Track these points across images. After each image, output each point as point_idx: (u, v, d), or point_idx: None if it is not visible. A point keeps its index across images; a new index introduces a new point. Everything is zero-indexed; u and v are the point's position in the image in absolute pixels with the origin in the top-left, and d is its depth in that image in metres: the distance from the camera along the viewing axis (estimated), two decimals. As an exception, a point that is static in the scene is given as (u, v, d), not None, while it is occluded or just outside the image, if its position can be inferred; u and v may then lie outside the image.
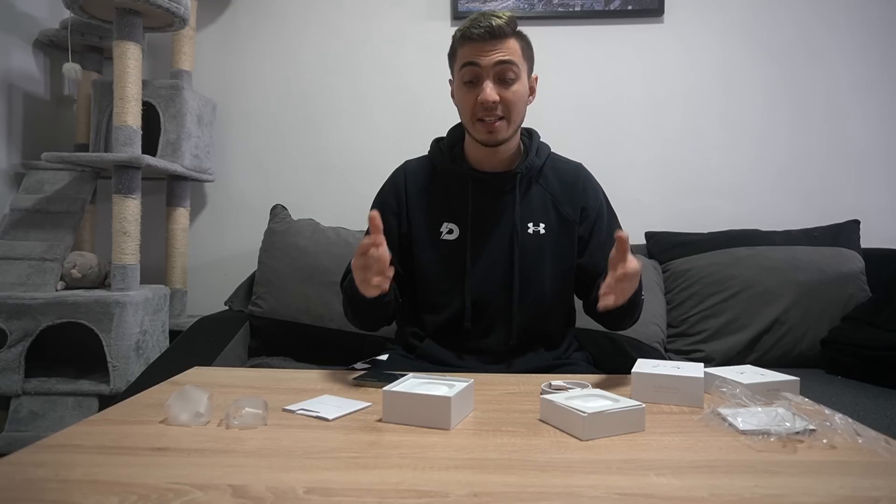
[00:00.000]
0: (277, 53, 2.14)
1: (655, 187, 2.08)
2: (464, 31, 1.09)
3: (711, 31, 2.07)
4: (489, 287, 1.16)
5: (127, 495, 0.52)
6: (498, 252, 1.16)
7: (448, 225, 1.18)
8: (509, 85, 1.09)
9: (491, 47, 1.07)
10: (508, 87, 1.09)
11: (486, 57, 1.07)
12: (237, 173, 2.16)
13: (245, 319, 1.74)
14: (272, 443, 0.66)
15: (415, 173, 1.24)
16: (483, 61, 1.07)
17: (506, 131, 1.11)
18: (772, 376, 0.86)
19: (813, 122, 2.05)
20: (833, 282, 1.72)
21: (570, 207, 1.20)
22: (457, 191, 1.19)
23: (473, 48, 1.08)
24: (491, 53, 1.07)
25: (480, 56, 1.07)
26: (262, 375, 1.00)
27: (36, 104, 2.06)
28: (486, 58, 1.07)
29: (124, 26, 1.66)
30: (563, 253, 1.19)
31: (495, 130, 1.10)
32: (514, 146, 1.18)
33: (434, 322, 1.19)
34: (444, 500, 0.52)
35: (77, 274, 1.71)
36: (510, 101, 1.09)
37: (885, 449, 0.64)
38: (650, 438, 0.69)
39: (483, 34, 1.06)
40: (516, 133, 1.16)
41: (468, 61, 1.09)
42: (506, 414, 0.77)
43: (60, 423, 1.59)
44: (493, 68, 1.08)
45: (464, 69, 1.10)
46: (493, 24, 1.06)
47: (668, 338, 1.76)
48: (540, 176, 1.21)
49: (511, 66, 1.08)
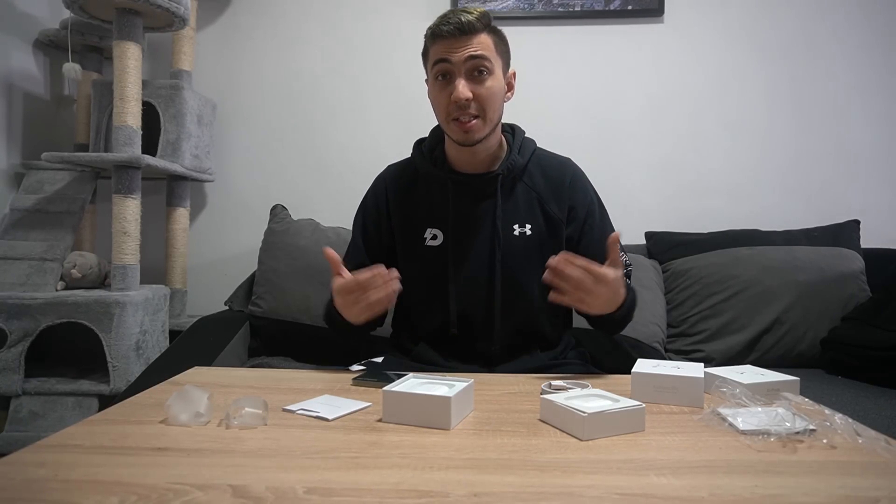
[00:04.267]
0: (277, 53, 2.14)
1: (655, 187, 2.08)
2: (434, 29, 1.07)
3: (712, 31, 2.07)
4: (473, 293, 1.14)
5: (127, 495, 0.52)
6: (481, 257, 1.14)
7: (432, 231, 1.16)
8: (482, 81, 1.06)
9: (461, 43, 1.05)
10: (482, 83, 1.06)
11: (456, 53, 1.05)
12: (237, 173, 2.16)
13: (245, 319, 1.74)
14: (272, 443, 0.66)
15: (396, 179, 1.22)
16: (454, 57, 1.05)
17: (482, 130, 1.08)
18: (772, 376, 0.86)
19: (813, 122, 2.05)
20: (833, 282, 1.72)
21: (556, 206, 1.16)
22: (439, 195, 1.16)
23: (444, 45, 1.06)
24: (461, 49, 1.05)
25: (451, 52, 1.05)
26: (262, 375, 1.00)
27: (36, 104, 2.06)
28: (457, 54, 1.05)
29: (124, 26, 1.66)
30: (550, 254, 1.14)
31: (471, 130, 1.07)
32: (493, 144, 1.15)
33: (424, 328, 1.18)
34: (444, 500, 0.52)
35: (77, 274, 1.71)
36: (484, 98, 1.06)
37: (885, 449, 0.64)
38: (650, 438, 0.69)
39: (452, 30, 1.04)
40: (495, 131, 1.12)
41: (439, 58, 1.06)
42: (506, 414, 0.77)
43: (60, 423, 1.59)
44: (465, 64, 1.05)
45: (435, 66, 1.07)
46: (462, 20, 1.04)
47: (668, 338, 1.76)
48: (524, 174, 1.17)
49: (483, 60, 1.05)
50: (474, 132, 1.08)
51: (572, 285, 0.94)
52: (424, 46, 1.12)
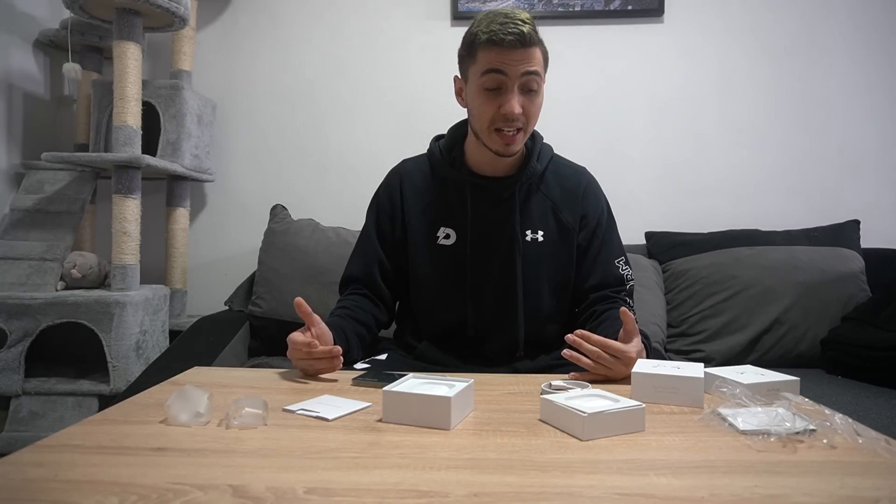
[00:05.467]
0: (277, 53, 2.14)
1: (655, 187, 2.08)
2: (491, 35, 1.00)
3: (711, 31, 2.07)
4: (490, 296, 1.14)
5: (127, 495, 0.52)
6: (497, 260, 1.14)
7: (445, 230, 1.16)
8: (533, 96, 1.05)
9: (520, 56, 1.00)
10: (532, 99, 1.05)
11: (514, 66, 1.01)
12: (237, 173, 2.16)
13: (245, 319, 1.74)
14: (272, 443, 0.66)
15: (411, 175, 1.22)
16: (511, 71, 1.01)
17: (521, 143, 1.08)
18: (772, 376, 0.86)
19: (813, 122, 2.05)
20: (833, 282, 1.72)
21: (569, 214, 1.17)
22: (455, 195, 1.16)
23: (501, 54, 1.00)
24: (519, 63, 1.01)
25: (508, 64, 1.01)
26: (262, 375, 1.00)
27: (36, 104, 2.06)
28: (515, 67, 1.01)
29: (124, 26, 1.66)
30: (561, 261, 1.16)
31: (513, 142, 1.06)
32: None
33: (431, 326, 1.18)
34: (444, 500, 0.52)
35: (77, 274, 1.71)
36: (531, 113, 1.05)
37: (885, 449, 0.64)
38: (650, 438, 0.68)
39: (514, 42, 0.99)
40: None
41: (494, 68, 1.01)
42: (506, 414, 0.77)
43: (60, 423, 1.59)
44: (520, 78, 1.02)
45: (487, 75, 1.03)
46: (524, 32, 0.99)
47: (668, 338, 1.76)
48: (541, 182, 1.18)
49: (537, 77, 1.03)
50: (515, 145, 1.07)
51: (593, 359, 0.92)
52: (471, 47, 1.05)
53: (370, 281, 1.21)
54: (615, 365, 0.91)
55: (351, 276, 1.23)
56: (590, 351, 0.92)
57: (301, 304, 0.96)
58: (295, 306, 0.96)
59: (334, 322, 1.07)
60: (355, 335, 1.10)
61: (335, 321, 1.08)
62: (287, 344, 0.95)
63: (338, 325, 1.06)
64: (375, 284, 1.21)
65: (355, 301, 1.18)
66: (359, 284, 1.21)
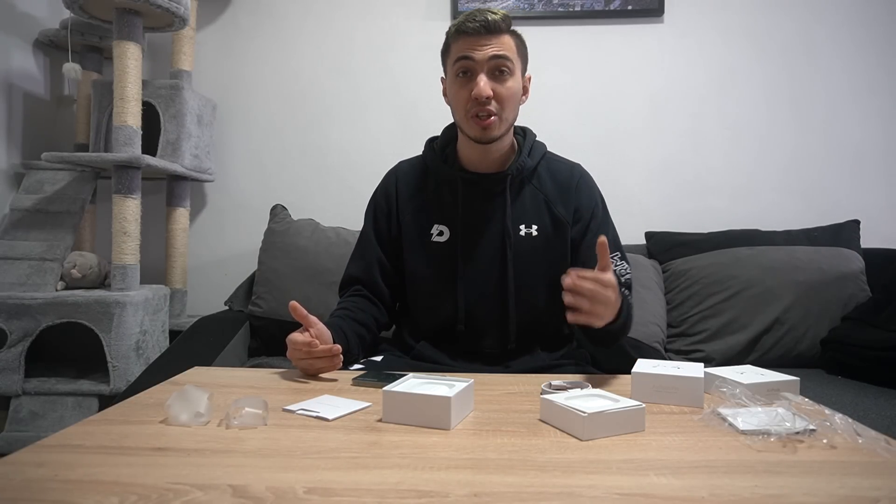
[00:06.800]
0: (277, 53, 2.14)
1: (655, 187, 2.08)
2: (458, 26, 1.08)
3: (711, 31, 2.07)
4: (482, 291, 1.15)
5: (127, 495, 0.52)
6: (490, 255, 1.15)
7: (438, 227, 1.17)
8: (503, 80, 1.08)
9: (486, 41, 1.06)
10: (503, 83, 1.08)
11: (480, 51, 1.06)
12: (237, 173, 2.16)
13: (245, 319, 1.74)
14: (272, 443, 0.66)
15: (406, 175, 1.24)
16: (477, 55, 1.07)
17: (499, 128, 1.10)
18: (772, 376, 0.86)
19: (813, 122, 2.05)
20: (833, 282, 1.72)
21: (563, 208, 1.17)
22: (447, 192, 1.18)
23: (468, 42, 1.07)
24: (485, 47, 1.06)
25: (475, 50, 1.07)
26: (262, 375, 1.00)
27: (36, 104, 2.06)
28: (481, 51, 1.06)
29: (124, 26, 1.66)
30: (555, 255, 1.16)
31: (489, 126, 1.08)
32: (506, 145, 1.16)
33: (427, 324, 1.19)
34: (444, 500, 0.52)
35: (77, 274, 1.71)
36: (503, 97, 1.08)
37: (885, 449, 0.64)
38: (650, 438, 0.68)
39: (478, 28, 1.06)
40: (509, 131, 1.14)
41: (462, 55, 1.08)
42: (506, 414, 0.77)
43: (60, 423, 1.59)
44: (488, 62, 1.07)
45: (457, 63, 1.09)
46: (488, 19, 1.05)
47: (668, 338, 1.76)
48: (533, 176, 1.19)
49: (505, 60, 1.07)
50: (492, 129, 1.09)
51: (589, 299, 0.90)
52: (445, 44, 1.14)
53: (370, 282, 1.21)
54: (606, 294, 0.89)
55: (351, 277, 1.23)
56: (587, 288, 0.88)
57: (296, 308, 0.96)
58: (290, 310, 0.96)
59: (334, 323, 1.07)
60: (355, 335, 1.10)
61: (335, 322, 1.08)
62: (287, 344, 0.96)
63: (337, 325, 1.07)
64: (375, 285, 1.21)
65: (355, 302, 1.18)
66: (359, 286, 1.21)
